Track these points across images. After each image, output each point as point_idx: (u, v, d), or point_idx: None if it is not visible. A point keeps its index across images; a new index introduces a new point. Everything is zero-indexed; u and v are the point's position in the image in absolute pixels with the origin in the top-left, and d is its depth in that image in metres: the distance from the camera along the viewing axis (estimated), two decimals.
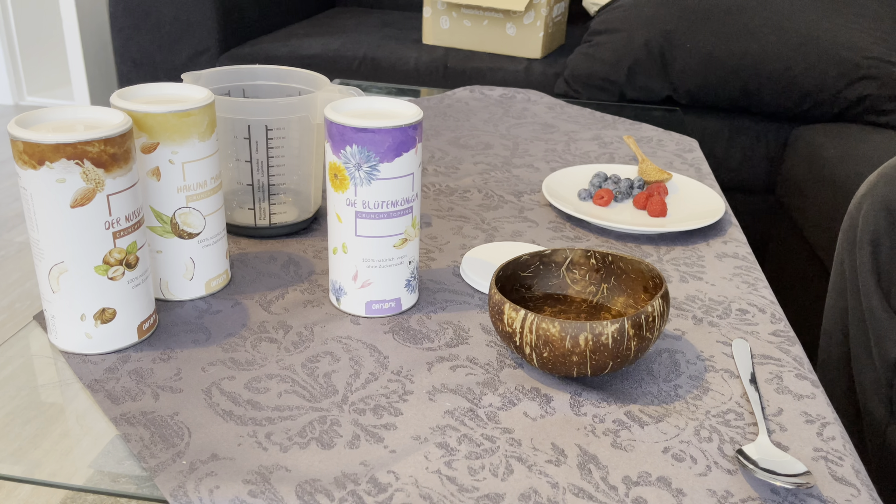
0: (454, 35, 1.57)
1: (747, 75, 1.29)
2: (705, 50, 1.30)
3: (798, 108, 1.30)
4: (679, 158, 0.97)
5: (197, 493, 0.41)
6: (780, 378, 0.53)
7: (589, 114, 1.15)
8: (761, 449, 0.45)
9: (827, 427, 0.48)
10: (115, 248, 0.49)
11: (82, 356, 0.51)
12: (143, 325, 0.53)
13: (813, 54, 1.26)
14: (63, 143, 0.45)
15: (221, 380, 0.50)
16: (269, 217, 0.69)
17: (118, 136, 0.47)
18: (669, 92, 1.36)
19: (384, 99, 0.57)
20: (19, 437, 0.45)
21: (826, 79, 1.25)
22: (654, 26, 1.33)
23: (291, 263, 0.66)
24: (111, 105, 0.53)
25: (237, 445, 0.44)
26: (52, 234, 0.48)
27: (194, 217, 0.56)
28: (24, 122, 0.47)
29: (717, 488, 0.43)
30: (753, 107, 1.34)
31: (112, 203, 0.48)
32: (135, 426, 0.45)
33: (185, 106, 0.53)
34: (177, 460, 0.43)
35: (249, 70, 0.71)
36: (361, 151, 0.52)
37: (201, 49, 1.56)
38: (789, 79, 1.27)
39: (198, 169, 0.55)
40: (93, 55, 2.05)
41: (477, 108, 1.16)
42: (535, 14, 1.49)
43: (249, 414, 0.47)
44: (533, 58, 1.53)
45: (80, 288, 0.49)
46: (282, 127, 0.65)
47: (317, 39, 1.61)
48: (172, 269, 0.57)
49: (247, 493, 0.41)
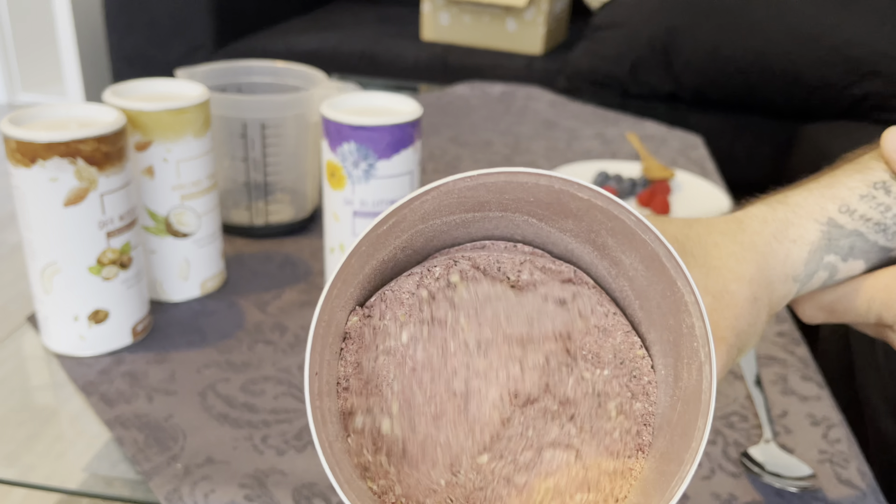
0: (454, 31, 1.56)
1: (752, 71, 1.28)
2: (710, 46, 1.29)
3: (804, 104, 1.29)
4: (683, 156, 0.96)
5: (192, 497, 0.40)
6: (785, 379, 0.52)
7: (591, 111, 1.14)
8: (766, 451, 0.44)
9: (832, 429, 0.47)
10: (109, 248, 0.49)
11: (76, 358, 0.51)
12: (137, 326, 0.52)
13: (818, 50, 1.25)
14: (56, 141, 0.44)
15: (217, 382, 0.49)
16: (265, 216, 0.68)
17: (112, 134, 0.46)
18: (673, 88, 1.35)
19: (382, 95, 0.56)
20: (12, 440, 0.45)
21: (832, 75, 1.25)
22: (658, 22, 1.32)
23: (288, 263, 0.65)
24: (104, 102, 0.52)
25: (233, 449, 0.43)
26: (44, 234, 0.47)
27: (189, 216, 0.56)
28: (16, 120, 0.46)
29: (722, 491, 0.42)
30: (758, 103, 1.33)
31: (105, 202, 0.47)
32: (129, 429, 0.45)
33: (180, 103, 0.52)
34: (171, 464, 0.42)
35: (245, 66, 0.70)
36: (359, 149, 0.51)
37: (196, 45, 1.55)
38: (794, 75, 1.26)
39: (192, 167, 0.54)
40: (87, 51, 2.04)
41: (477, 104, 1.15)
42: (537, 9, 1.48)
43: (245, 417, 0.46)
44: (534, 54, 1.52)
45: (73, 288, 0.48)
46: (278, 124, 0.64)
47: (314, 35, 1.60)
48: (167, 269, 0.57)
49: (242, 497, 0.40)
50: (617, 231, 0.25)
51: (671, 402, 0.26)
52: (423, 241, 0.28)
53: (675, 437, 0.24)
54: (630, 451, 0.26)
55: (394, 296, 0.27)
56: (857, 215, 0.34)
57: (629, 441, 0.26)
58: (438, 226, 0.27)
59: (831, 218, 0.34)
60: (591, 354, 0.27)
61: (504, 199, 0.26)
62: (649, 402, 0.27)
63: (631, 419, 0.27)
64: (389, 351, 0.26)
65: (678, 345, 0.25)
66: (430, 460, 0.26)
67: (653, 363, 0.27)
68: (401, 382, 0.26)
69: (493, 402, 0.26)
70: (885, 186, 0.34)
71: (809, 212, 0.34)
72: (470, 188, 0.25)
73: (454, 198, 0.25)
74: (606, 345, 0.27)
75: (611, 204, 0.24)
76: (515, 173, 0.24)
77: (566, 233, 0.28)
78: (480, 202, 0.26)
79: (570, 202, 0.25)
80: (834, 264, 0.34)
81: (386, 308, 0.27)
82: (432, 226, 0.27)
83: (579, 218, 0.26)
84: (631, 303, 0.28)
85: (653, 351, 0.27)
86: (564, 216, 0.26)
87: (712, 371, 0.23)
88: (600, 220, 0.25)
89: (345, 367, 0.26)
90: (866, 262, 0.35)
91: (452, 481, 0.26)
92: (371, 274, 0.27)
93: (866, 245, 0.34)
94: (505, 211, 0.27)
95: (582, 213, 0.26)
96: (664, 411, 0.26)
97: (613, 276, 0.28)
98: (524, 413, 0.26)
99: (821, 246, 0.34)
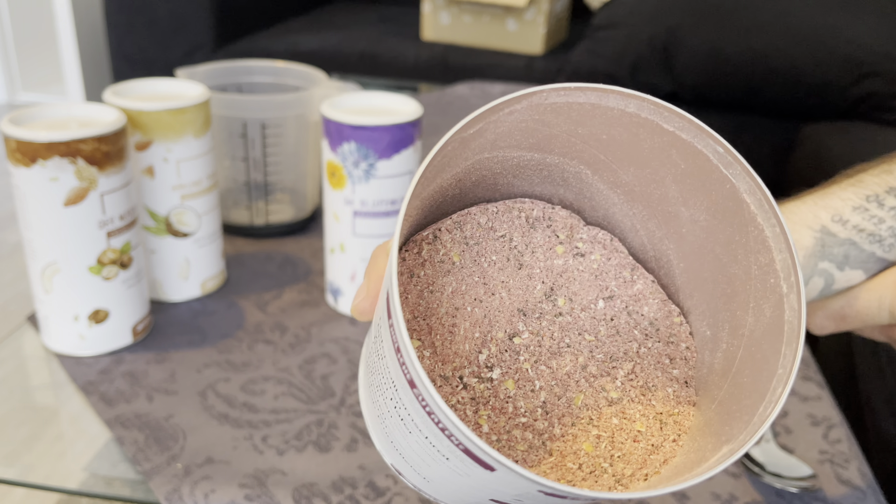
0: (454, 30, 1.56)
1: (752, 71, 1.28)
2: (710, 46, 1.29)
3: (804, 104, 1.29)
4: None
5: (192, 496, 0.40)
6: None
7: None
8: (766, 452, 0.44)
9: (833, 429, 0.47)
10: (109, 248, 0.49)
11: (75, 358, 0.51)
12: (137, 326, 0.52)
13: (818, 50, 1.25)
14: (56, 141, 0.44)
15: (217, 382, 0.49)
16: (265, 216, 0.68)
17: (112, 133, 0.46)
18: (673, 88, 1.35)
19: (382, 95, 0.56)
20: (12, 439, 0.45)
21: (832, 75, 1.24)
22: (658, 22, 1.32)
23: (288, 263, 0.65)
24: (105, 102, 0.52)
25: (233, 448, 0.43)
26: (44, 234, 0.47)
27: (189, 216, 0.56)
28: (16, 120, 0.46)
29: (722, 492, 0.42)
30: (759, 104, 1.32)
31: (106, 202, 0.47)
32: (129, 429, 0.45)
33: (180, 103, 0.52)
34: (171, 463, 0.42)
35: (245, 66, 0.70)
36: (359, 149, 0.51)
37: (196, 45, 1.55)
38: (795, 75, 1.26)
39: (193, 167, 0.54)
40: (87, 51, 2.04)
41: (477, 104, 1.15)
42: (537, 9, 1.48)
43: (245, 416, 0.46)
44: (534, 54, 1.51)
45: (73, 288, 0.48)
46: (278, 124, 0.64)
47: (314, 35, 1.60)
48: (167, 269, 0.56)
49: (243, 496, 0.40)
50: (689, 173, 0.25)
51: (725, 356, 0.26)
52: (474, 182, 0.27)
53: (741, 380, 0.24)
54: (672, 405, 0.26)
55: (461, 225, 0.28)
56: (850, 225, 0.34)
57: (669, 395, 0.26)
58: (496, 163, 0.27)
59: (824, 226, 0.34)
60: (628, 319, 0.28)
61: (576, 133, 0.26)
62: (689, 367, 0.27)
63: (672, 380, 0.27)
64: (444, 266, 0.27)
65: (736, 293, 0.25)
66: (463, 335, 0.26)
67: (691, 329, 0.28)
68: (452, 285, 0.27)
69: None
70: (878, 199, 0.34)
71: (802, 219, 0.34)
72: (555, 108, 0.24)
73: (535, 118, 0.25)
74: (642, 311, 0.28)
75: (699, 135, 0.24)
76: (607, 92, 0.24)
77: (618, 189, 0.27)
78: (551, 136, 0.26)
79: (647, 139, 0.25)
80: (829, 272, 0.34)
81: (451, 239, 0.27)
82: (492, 160, 0.27)
83: (646, 163, 0.26)
84: (671, 269, 0.28)
85: (693, 316, 0.28)
86: (629, 162, 0.26)
87: (801, 299, 0.23)
88: (674, 160, 0.25)
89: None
90: (865, 272, 0.35)
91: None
92: (432, 196, 0.26)
93: (862, 255, 0.34)
94: (564, 156, 0.27)
95: (654, 154, 0.25)
96: (712, 369, 0.26)
97: (658, 238, 0.28)
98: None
99: (815, 252, 0.34)
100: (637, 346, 0.27)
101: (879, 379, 0.64)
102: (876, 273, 0.35)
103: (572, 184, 0.28)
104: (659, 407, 0.26)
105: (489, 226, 0.28)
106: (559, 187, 0.29)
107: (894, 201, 0.34)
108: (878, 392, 0.64)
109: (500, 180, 0.28)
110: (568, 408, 0.26)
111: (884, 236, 0.34)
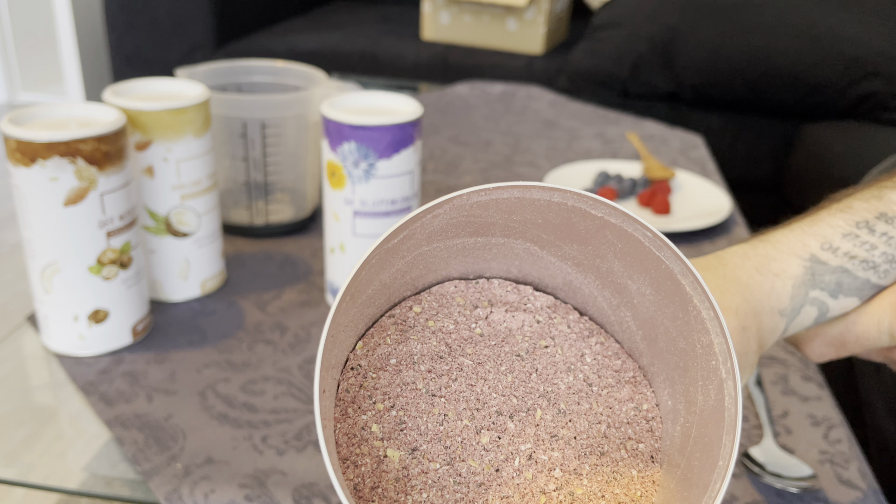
0: (454, 30, 1.56)
1: (752, 71, 1.28)
2: (710, 45, 1.29)
3: (804, 104, 1.29)
4: (683, 156, 0.96)
5: (192, 497, 0.40)
6: (785, 380, 0.52)
7: (591, 110, 1.14)
8: (767, 452, 0.44)
9: (833, 429, 0.47)
10: (109, 248, 0.49)
11: (75, 358, 0.51)
12: (137, 326, 0.52)
13: (818, 50, 1.25)
14: (56, 140, 0.44)
15: (216, 382, 0.49)
16: (265, 216, 0.68)
17: (112, 133, 0.46)
18: (673, 88, 1.35)
19: (382, 95, 0.56)
20: (12, 439, 0.45)
21: (832, 75, 1.24)
22: (658, 21, 1.32)
23: (288, 263, 0.65)
24: (105, 101, 0.52)
25: (232, 449, 0.43)
26: (44, 234, 0.47)
27: (189, 216, 0.56)
28: (16, 120, 0.46)
29: None
30: (759, 103, 1.32)
31: (106, 202, 0.47)
32: (129, 429, 0.45)
33: (180, 103, 0.52)
34: (171, 464, 0.42)
35: (245, 66, 0.70)
36: (359, 149, 0.51)
37: (196, 44, 1.55)
38: (795, 75, 1.26)
39: (192, 167, 0.54)
40: (87, 51, 2.04)
41: (477, 104, 1.15)
42: (537, 9, 1.48)
43: (245, 417, 0.46)
44: (534, 53, 1.51)
45: (73, 288, 0.48)
46: (278, 124, 0.64)
47: (314, 34, 1.60)
48: (167, 269, 0.56)
49: (242, 497, 0.40)
50: (627, 252, 0.25)
51: (683, 430, 0.26)
52: (422, 270, 0.27)
53: (692, 461, 0.24)
54: (636, 487, 0.26)
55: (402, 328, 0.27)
56: (841, 252, 0.34)
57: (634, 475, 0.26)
58: (440, 251, 0.27)
59: (813, 254, 0.34)
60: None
61: (512, 220, 0.26)
62: (654, 439, 0.27)
63: (637, 457, 0.26)
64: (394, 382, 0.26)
65: (688, 369, 0.25)
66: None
67: (657, 400, 0.27)
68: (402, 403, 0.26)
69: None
70: (868, 226, 0.34)
71: (791, 248, 0.34)
72: (481, 205, 0.24)
73: (464, 214, 0.25)
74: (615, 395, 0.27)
75: (626, 220, 0.24)
76: (528, 188, 0.24)
77: (568, 261, 0.27)
78: (487, 224, 0.26)
79: (580, 222, 0.25)
80: (822, 300, 0.34)
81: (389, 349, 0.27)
82: (435, 250, 0.26)
83: (586, 241, 0.26)
84: (632, 335, 0.27)
85: (656, 382, 0.27)
86: (570, 240, 0.26)
87: (737, 387, 0.22)
88: (610, 240, 0.25)
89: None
90: (860, 298, 0.34)
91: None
92: (372, 296, 0.26)
93: (857, 282, 0.34)
94: (508, 237, 0.27)
95: (591, 234, 0.25)
96: (673, 442, 0.26)
97: (615, 306, 0.27)
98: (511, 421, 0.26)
99: (805, 281, 0.33)
100: (604, 428, 0.27)
101: (877, 377, 0.64)
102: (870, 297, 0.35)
103: (525, 258, 0.28)
104: (622, 496, 0.25)
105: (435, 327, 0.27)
106: (514, 260, 0.28)
107: (885, 227, 0.33)
108: (877, 392, 0.64)
109: (452, 262, 0.28)
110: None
111: (878, 262, 0.33)
